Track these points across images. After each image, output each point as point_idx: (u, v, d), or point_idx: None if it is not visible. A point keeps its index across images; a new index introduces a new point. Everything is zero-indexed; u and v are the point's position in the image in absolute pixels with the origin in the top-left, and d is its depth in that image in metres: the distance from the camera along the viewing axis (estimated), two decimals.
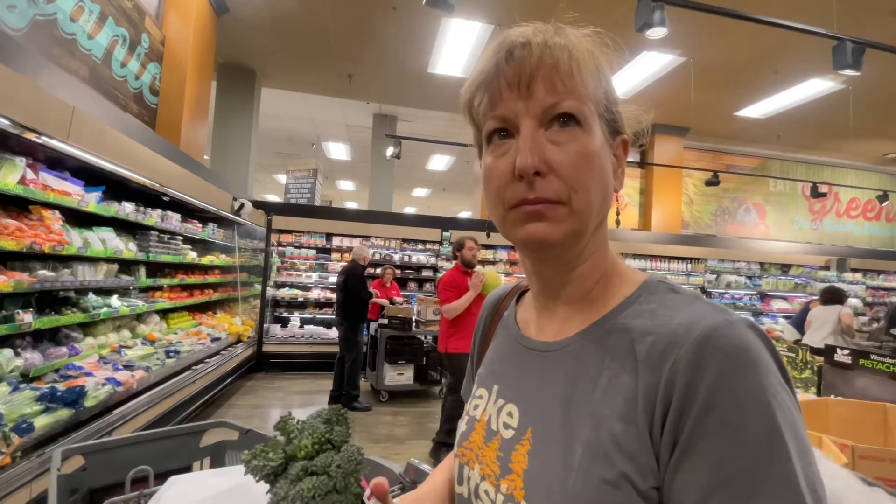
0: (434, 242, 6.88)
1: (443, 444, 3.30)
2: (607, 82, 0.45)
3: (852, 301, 7.94)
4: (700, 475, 0.34)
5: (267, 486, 0.49)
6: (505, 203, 0.43)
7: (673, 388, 0.36)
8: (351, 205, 15.75)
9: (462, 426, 0.54)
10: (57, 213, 2.37)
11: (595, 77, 0.43)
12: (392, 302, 5.19)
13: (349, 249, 6.63)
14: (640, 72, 5.91)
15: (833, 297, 4.51)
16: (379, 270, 6.02)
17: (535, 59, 0.41)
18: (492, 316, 0.62)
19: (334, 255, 6.66)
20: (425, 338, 5.08)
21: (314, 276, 6.55)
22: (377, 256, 6.60)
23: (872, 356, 2.18)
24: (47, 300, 2.45)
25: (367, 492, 0.48)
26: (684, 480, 0.35)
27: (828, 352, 2.36)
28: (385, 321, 4.80)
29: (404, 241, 6.84)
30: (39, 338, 2.42)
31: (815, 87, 6.02)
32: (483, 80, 0.44)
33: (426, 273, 6.84)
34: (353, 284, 4.41)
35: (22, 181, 2.03)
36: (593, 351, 0.43)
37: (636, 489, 0.36)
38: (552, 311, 0.49)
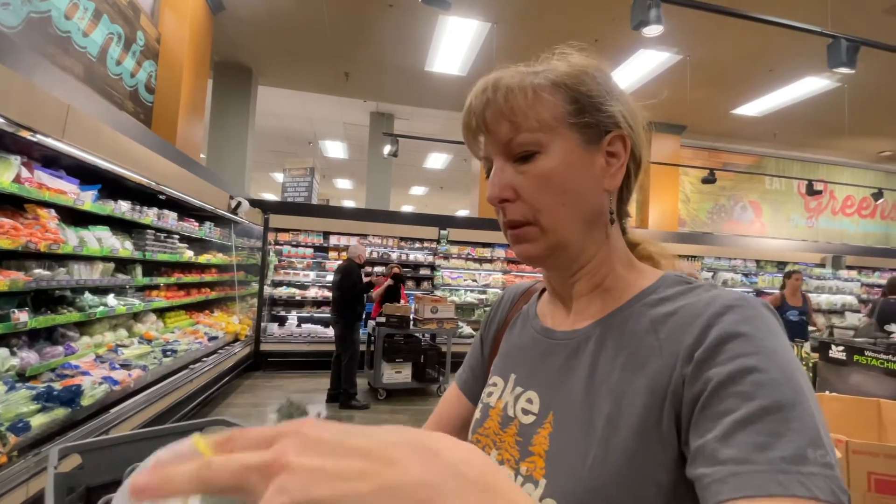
0: (432, 241, 6.88)
1: None
2: (576, 93, 0.46)
3: (847, 298, 8.00)
4: (726, 415, 0.34)
5: None
6: (501, 225, 0.49)
7: (696, 349, 0.38)
8: (348, 203, 15.72)
9: (476, 414, 0.57)
10: (52, 211, 2.36)
11: (548, 101, 0.46)
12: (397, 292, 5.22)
13: (346, 248, 6.62)
14: (636, 69, 5.92)
15: None
16: (378, 268, 6.02)
17: (490, 105, 0.47)
18: (508, 309, 0.64)
19: (332, 254, 6.65)
20: (423, 336, 5.09)
21: (311, 274, 6.54)
22: (375, 255, 6.60)
23: (866, 352, 2.20)
24: (43, 299, 2.44)
25: None
26: (709, 421, 0.35)
27: (823, 348, 2.37)
28: (383, 319, 4.81)
29: (402, 239, 6.84)
30: (35, 337, 2.41)
31: (810, 85, 6.04)
32: (463, 124, 0.50)
33: (424, 271, 6.84)
34: (349, 283, 4.40)
35: (17, 179, 2.02)
36: (613, 335, 0.46)
37: (657, 458, 0.38)
38: (567, 305, 0.53)
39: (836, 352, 2.30)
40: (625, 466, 0.39)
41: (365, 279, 4.65)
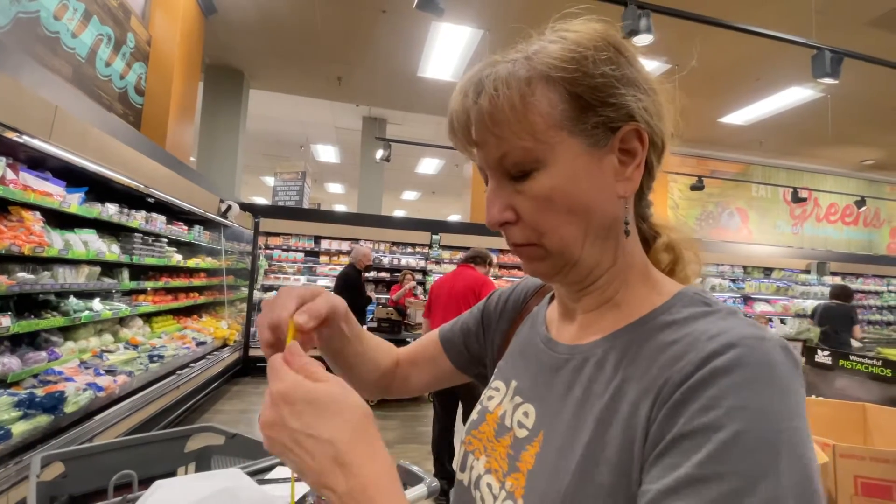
0: (423, 245, 6.87)
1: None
2: (577, 88, 0.40)
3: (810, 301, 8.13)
4: (679, 468, 0.31)
5: (253, 490, 0.49)
6: (508, 244, 0.46)
7: (678, 384, 0.34)
8: (340, 208, 15.65)
9: (473, 415, 0.55)
10: (38, 214, 2.31)
11: (542, 107, 0.39)
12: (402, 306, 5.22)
13: (338, 252, 6.59)
14: None
15: None
16: (380, 276, 5.99)
17: (472, 117, 0.41)
18: (521, 307, 0.61)
19: (322, 259, 6.61)
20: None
21: (302, 279, 6.49)
22: None
23: (852, 357, 2.24)
24: (26, 303, 2.39)
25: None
26: (661, 470, 0.32)
27: (809, 353, 2.41)
28: (374, 324, 4.78)
29: (394, 244, 6.83)
30: (18, 342, 2.36)
31: (795, 95, 6.17)
32: (448, 130, 0.45)
33: (415, 276, 6.83)
34: (348, 293, 4.27)
35: (1, 181, 1.99)
36: (614, 357, 0.42)
37: (633, 493, 0.35)
38: (573, 316, 0.50)
39: (822, 356, 2.34)
40: (599, 500, 0.36)
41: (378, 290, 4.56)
